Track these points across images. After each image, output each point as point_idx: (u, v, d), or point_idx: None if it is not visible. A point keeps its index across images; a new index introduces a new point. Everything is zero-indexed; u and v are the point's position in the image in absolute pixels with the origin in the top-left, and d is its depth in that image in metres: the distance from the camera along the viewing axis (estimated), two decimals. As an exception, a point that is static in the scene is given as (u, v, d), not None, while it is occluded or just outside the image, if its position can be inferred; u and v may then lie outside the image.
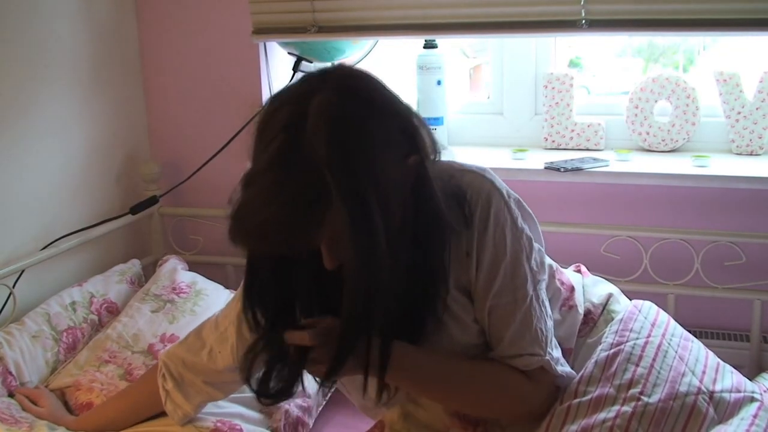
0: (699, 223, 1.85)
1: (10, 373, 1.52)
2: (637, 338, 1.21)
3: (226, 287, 1.91)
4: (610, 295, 1.33)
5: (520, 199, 1.17)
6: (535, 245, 1.16)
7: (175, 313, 1.75)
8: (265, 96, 2.07)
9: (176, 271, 1.89)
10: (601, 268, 1.84)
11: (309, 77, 1.02)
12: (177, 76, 2.14)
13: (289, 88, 1.02)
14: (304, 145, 0.92)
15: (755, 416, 1.14)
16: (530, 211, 1.19)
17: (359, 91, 0.99)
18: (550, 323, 1.15)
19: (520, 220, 1.12)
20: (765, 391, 1.28)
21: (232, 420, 1.42)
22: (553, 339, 1.15)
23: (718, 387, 1.17)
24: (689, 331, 1.83)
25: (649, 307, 1.31)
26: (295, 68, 2.04)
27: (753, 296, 1.79)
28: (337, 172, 0.91)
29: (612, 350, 1.19)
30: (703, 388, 1.15)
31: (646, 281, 1.84)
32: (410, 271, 1.04)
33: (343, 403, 1.53)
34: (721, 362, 1.25)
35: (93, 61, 1.96)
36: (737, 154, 1.90)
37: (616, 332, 1.22)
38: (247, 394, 1.50)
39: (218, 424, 1.39)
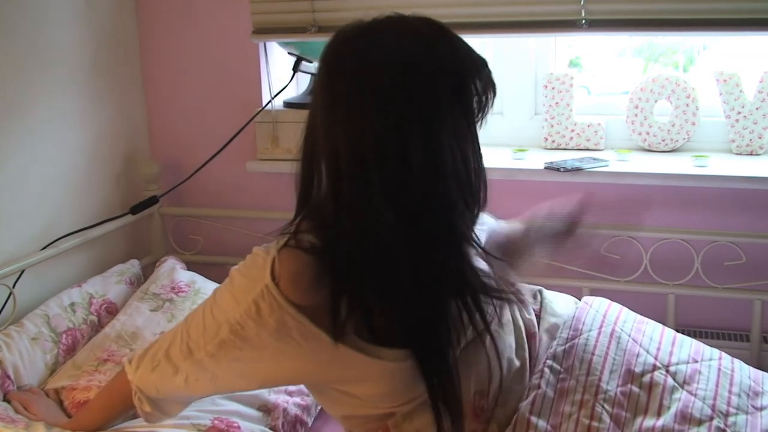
0: (699, 223, 1.85)
1: (8, 377, 1.49)
2: (590, 330, 1.23)
3: (225, 287, 1.91)
4: (539, 290, 1.35)
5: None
6: None
7: (174, 312, 1.75)
8: (265, 96, 2.07)
9: (175, 271, 1.89)
10: (601, 268, 1.84)
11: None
12: (177, 76, 2.14)
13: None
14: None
15: (719, 369, 1.17)
16: None
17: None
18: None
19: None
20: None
21: (229, 418, 1.42)
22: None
23: (674, 359, 1.18)
24: (689, 332, 1.83)
25: (600, 302, 1.33)
26: (295, 68, 2.03)
27: (753, 296, 1.79)
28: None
29: (567, 344, 1.21)
30: (658, 364, 1.17)
31: (646, 281, 1.84)
32: None
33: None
34: (679, 335, 1.26)
35: (93, 61, 1.96)
36: (737, 154, 1.90)
37: (570, 327, 1.24)
38: (245, 393, 1.50)
39: (216, 422, 1.39)
